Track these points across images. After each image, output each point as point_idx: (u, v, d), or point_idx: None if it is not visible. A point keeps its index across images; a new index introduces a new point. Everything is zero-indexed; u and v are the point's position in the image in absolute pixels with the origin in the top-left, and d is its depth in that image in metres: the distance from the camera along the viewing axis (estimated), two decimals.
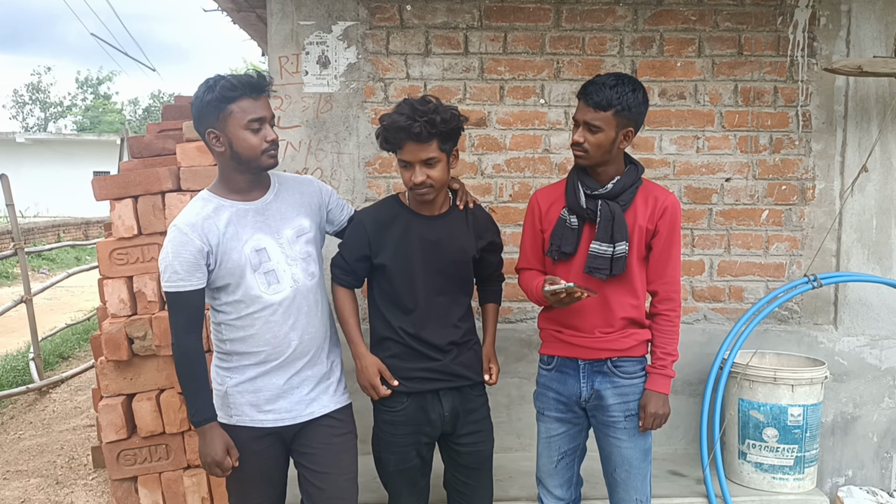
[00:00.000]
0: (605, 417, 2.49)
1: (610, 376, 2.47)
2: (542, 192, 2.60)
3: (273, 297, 2.26)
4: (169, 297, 2.22)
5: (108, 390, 3.30)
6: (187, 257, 2.17)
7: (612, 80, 2.30)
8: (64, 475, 4.45)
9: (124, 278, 3.32)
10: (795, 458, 3.14)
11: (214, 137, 2.19)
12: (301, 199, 2.40)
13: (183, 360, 2.24)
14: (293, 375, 2.33)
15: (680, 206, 2.47)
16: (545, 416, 2.60)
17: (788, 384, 3.11)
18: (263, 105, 2.20)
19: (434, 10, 3.44)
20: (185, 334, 2.23)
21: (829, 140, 3.52)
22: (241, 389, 2.31)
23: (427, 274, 2.43)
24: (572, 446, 2.59)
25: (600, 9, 3.45)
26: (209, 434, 2.24)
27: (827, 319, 3.59)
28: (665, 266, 2.44)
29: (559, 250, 2.44)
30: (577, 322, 2.48)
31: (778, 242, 3.56)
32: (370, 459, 2.58)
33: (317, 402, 2.37)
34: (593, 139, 2.32)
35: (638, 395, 2.47)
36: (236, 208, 2.26)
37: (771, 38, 3.48)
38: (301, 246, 2.33)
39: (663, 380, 2.45)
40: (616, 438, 2.49)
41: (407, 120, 2.23)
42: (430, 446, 2.57)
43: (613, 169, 2.40)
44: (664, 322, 2.47)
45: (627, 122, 2.32)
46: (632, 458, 2.50)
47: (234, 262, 2.22)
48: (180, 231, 2.19)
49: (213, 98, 2.14)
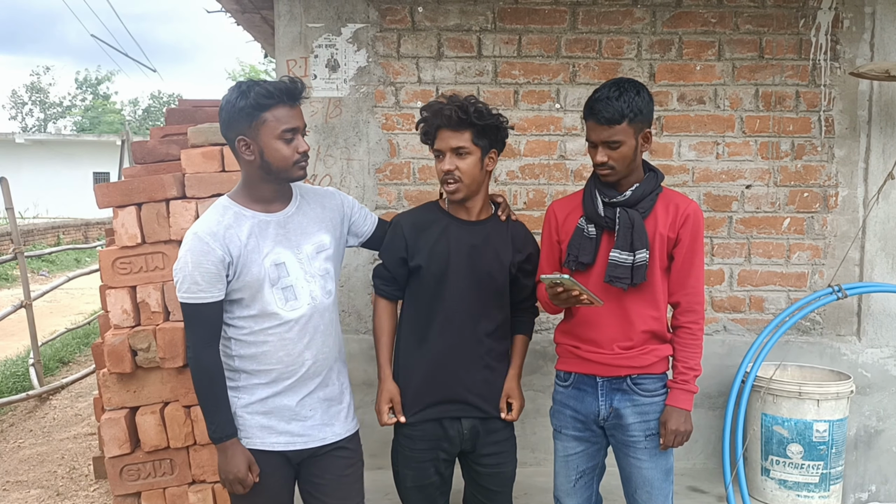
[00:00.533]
0: (625, 437, 2.40)
1: (629, 394, 2.38)
2: (558, 202, 2.55)
3: (290, 313, 2.18)
4: (187, 310, 2.13)
5: (111, 403, 3.20)
6: (209, 268, 2.08)
7: (615, 90, 2.23)
8: (65, 486, 4.37)
9: (127, 288, 3.22)
10: (821, 476, 3.05)
11: (245, 145, 2.11)
12: (323, 213, 2.32)
13: (202, 375, 2.15)
14: (305, 396, 2.25)
15: (702, 213, 2.39)
16: (562, 435, 2.51)
17: (814, 399, 3.01)
18: (298, 114, 2.13)
19: (446, 11, 3.35)
20: (203, 348, 2.14)
21: (852, 146, 3.42)
22: (251, 411, 2.22)
23: (459, 279, 2.37)
24: (591, 465, 2.51)
25: (617, 11, 3.35)
26: (230, 450, 2.16)
27: (850, 330, 3.50)
28: (687, 276, 2.36)
29: (577, 260, 2.37)
30: (594, 336, 2.39)
31: (800, 251, 3.47)
32: (389, 475, 2.52)
33: (329, 427, 2.29)
34: (617, 154, 2.25)
35: (659, 414, 2.38)
36: (258, 219, 2.18)
37: (793, 41, 3.39)
38: (320, 263, 2.26)
39: (685, 395, 2.36)
40: (636, 459, 2.40)
41: (442, 104, 2.31)
42: (450, 463, 2.50)
43: (634, 176, 2.33)
44: (686, 335, 2.38)
45: (643, 126, 2.27)
46: (653, 479, 2.40)
47: (254, 275, 2.14)
48: (201, 240, 2.09)
49: (247, 105, 2.06)
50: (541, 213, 3.46)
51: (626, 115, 2.21)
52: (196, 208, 3.16)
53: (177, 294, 2.13)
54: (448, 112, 2.29)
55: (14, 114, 46.17)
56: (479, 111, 2.30)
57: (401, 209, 3.42)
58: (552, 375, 3.47)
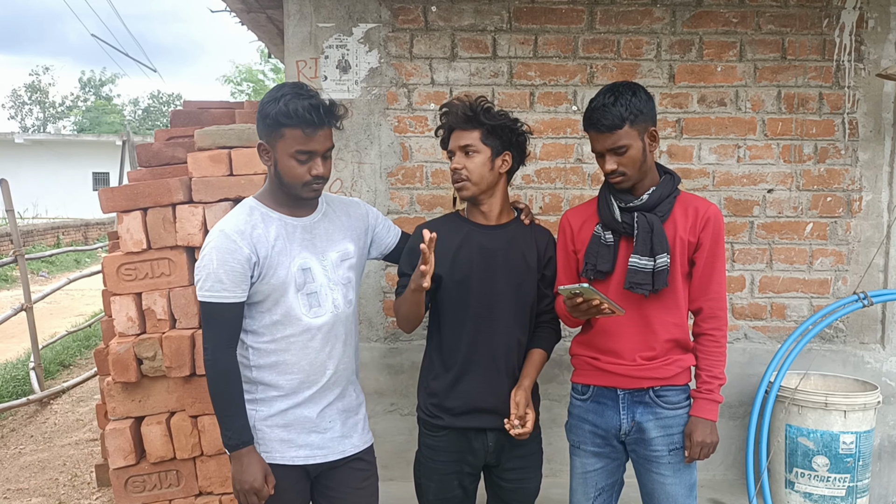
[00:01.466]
0: (648, 452, 2.31)
1: (652, 407, 2.29)
2: (572, 211, 2.46)
3: (313, 320, 2.12)
4: (207, 308, 2.05)
5: (116, 413, 3.13)
6: (234, 266, 2.01)
7: (611, 96, 2.17)
8: (67, 494, 4.29)
9: (132, 295, 3.14)
10: (847, 489, 2.97)
11: (264, 151, 2.08)
12: (348, 221, 2.28)
13: (218, 379, 2.07)
14: (325, 408, 2.18)
15: (722, 216, 2.31)
16: (581, 451, 2.41)
17: (841, 410, 2.93)
18: (319, 139, 2.03)
19: (461, 11, 3.26)
20: (222, 350, 2.06)
21: (876, 149, 3.34)
22: (270, 424, 2.15)
23: (484, 284, 2.30)
24: (610, 482, 2.41)
25: (636, 10, 3.27)
26: (246, 459, 2.08)
27: (874, 338, 3.41)
28: (709, 281, 2.28)
29: (595, 269, 2.29)
30: (615, 347, 2.30)
31: (822, 257, 3.38)
32: (402, 486, 2.44)
33: (348, 440, 2.24)
34: (626, 159, 2.18)
35: (682, 427, 2.30)
36: (284, 222, 2.13)
37: (816, 42, 3.31)
38: (343, 271, 2.21)
39: (710, 405, 2.27)
40: (659, 474, 2.31)
41: (454, 103, 2.33)
42: (474, 477, 2.42)
43: (649, 180, 2.26)
44: (709, 342, 2.29)
45: (646, 125, 2.19)
46: (677, 495, 2.31)
47: (280, 278, 2.08)
48: (228, 237, 2.03)
49: (270, 115, 2.00)
50: (557, 218, 3.38)
51: (626, 119, 2.15)
52: (203, 213, 3.09)
53: (197, 293, 2.07)
54: (456, 110, 2.30)
55: (13, 114, 46.12)
56: (486, 109, 2.29)
57: (413, 214, 3.34)
58: (568, 385, 3.40)
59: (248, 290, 2.07)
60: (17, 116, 45.91)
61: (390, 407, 3.44)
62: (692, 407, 2.29)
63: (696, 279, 2.29)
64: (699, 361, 2.31)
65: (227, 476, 3.07)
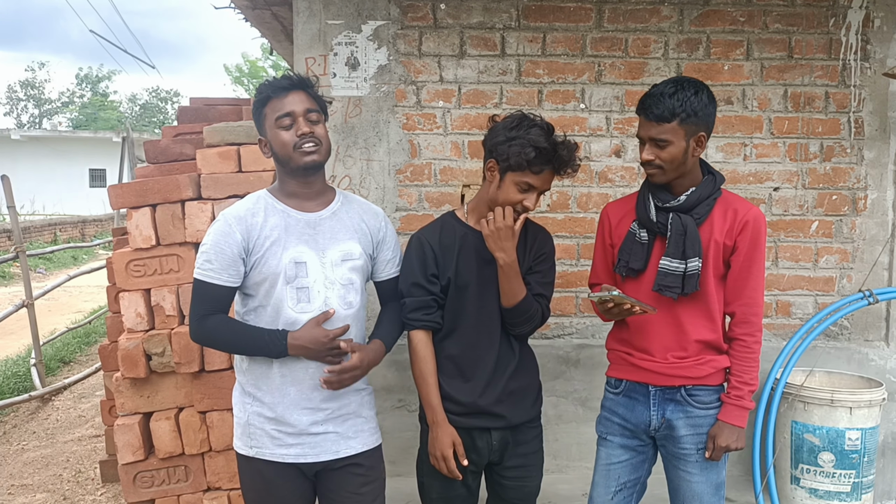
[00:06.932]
0: (676, 449, 2.30)
1: (683, 405, 2.27)
2: (612, 205, 2.45)
3: (299, 315, 2.09)
4: (196, 285, 2.10)
5: (124, 409, 3.13)
6: (224, 249, 2.06)
7: (671, 87, 2.11)
8: (71, 490, 4.29)
9: (141, 291, 3.14)
10: (853, 485, 2.99)
11: (263, 144, 2.13)
12: (359, 224, 2.23)
13: (207, 337, 2.13)
14: (316, 408, 2.15)
15: (764, 219, 2.24)
16: (607, 441, 2.40)
17: (846, 406, 2.95)
18: (292, 100, 2.07)
19: (469, 9, 3.27)
20: (207, 316, 2.09)
21: (882, 148, 3.36)
22: (261, 419, 2.14)
23: (483, 288, 2.29)
24: (633, 478, 2.40)
25: (644, 8, 3.28)
26: (295, 347, 2.06)
27: (878, 336, 3.43)
28: (744, 286, 2.23)
29: (627, 266, 2.27)
30: (647, 344, 2.29)
31: (828, 255, 3.41)
32: (409, 482, 2.44)
33: (345, 442, 2.19)
34: (664, 154, 2.13)
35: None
36: (287, 214, 2.13)
37: (822, 41, 3.32)
38: (344, 272, 2.16)
39: (739, 411, 2.22)
40: (686, 472, 2.30)
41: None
42: (477, 475, 2.42)
43: (689, 180, 2.21)
44: (741, 348, 2.24)
45: (697, 128, 2.13)
46: (702, 494, 2.30)
47: (271, 268, 2.08)
48: (226, 221, 2.09)
49: (255, 103, 2.11)
50: (564, 216, 3.41)
51: (678, 115, 2.09)
52: (212, 210, 3.09)
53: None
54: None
55: (9, 110, 45.92)
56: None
57: (421, 211, 3.35)
58: (575, 381, 3.42)
59: (242, 279, 2.10)
60: (13, 112, 45.75)
61: (398, 403, 3.45)
62: (720, 411, 2.25)
63: (730, 282, 2.24)
64: (731, 366, 2.27)
65: (235, 472, 3.07)
